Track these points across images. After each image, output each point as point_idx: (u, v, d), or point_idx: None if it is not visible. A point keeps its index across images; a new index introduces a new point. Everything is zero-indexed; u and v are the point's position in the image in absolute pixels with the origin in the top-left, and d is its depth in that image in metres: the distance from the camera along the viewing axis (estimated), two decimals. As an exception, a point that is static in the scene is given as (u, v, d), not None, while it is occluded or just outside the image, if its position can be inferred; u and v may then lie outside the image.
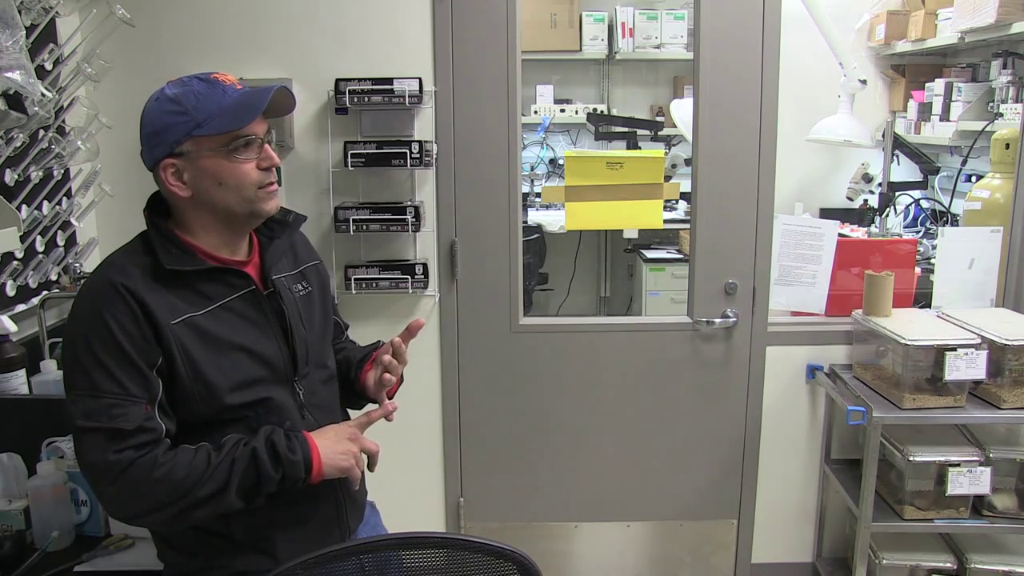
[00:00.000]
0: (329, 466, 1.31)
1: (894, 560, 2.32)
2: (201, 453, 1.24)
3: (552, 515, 2.62)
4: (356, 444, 1.35)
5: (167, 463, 1.21)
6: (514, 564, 1.20)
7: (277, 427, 1.31)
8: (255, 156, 1.31)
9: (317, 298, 1.50)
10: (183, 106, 1.26)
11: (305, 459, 1.28)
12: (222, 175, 1.28)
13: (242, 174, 1.29)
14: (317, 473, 1.29)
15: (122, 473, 1.19)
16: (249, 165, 1.30)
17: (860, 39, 3.91)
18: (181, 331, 1.25)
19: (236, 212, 1.32)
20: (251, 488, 1.25)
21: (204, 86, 1.28)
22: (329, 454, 1.31)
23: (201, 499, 1.22)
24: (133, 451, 1.20)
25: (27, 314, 2.00)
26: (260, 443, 1.26)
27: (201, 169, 1.28)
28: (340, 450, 1.32)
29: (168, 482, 1.20)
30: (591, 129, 4.36)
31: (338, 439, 1.34)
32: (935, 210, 3.61)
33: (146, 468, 1.19)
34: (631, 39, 4.43)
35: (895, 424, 2.22)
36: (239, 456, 1.24)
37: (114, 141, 2.25)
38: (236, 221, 1.34)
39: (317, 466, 1.29)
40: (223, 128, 1.26)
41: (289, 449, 1.27)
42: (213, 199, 1.30)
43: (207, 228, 1.33)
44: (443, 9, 2.33)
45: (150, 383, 1.23)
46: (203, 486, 1.21)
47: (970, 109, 3.17)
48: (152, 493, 1.21)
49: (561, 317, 4.21)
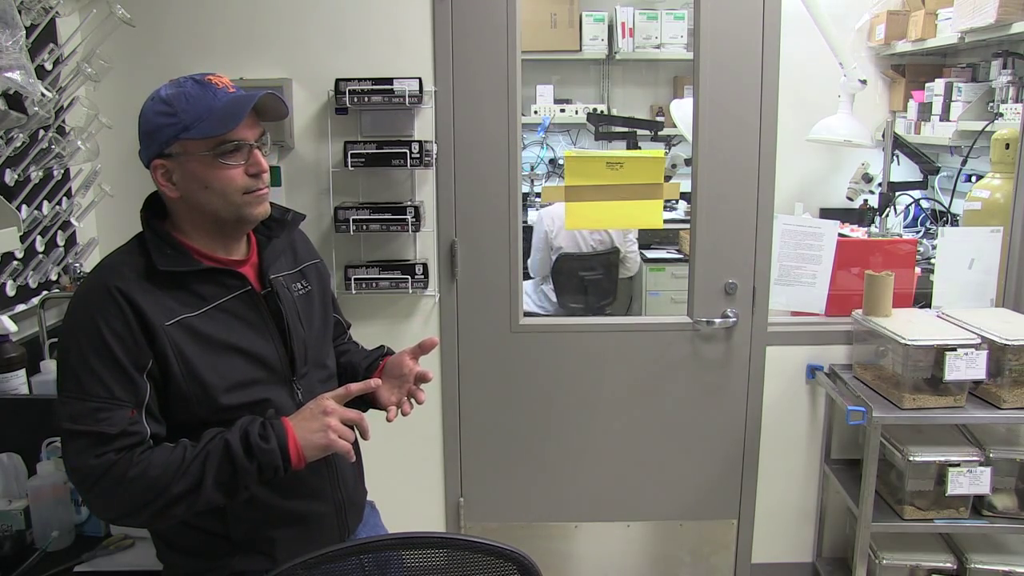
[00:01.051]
0: (308, 446, 1.25)
1: (894, 560, 2.33)
2: (177, 450, 1.23)
3: (552, 515, 2.62)
4: (332, 416, 1.27)
5: (142, 462, 1.20)
6: (514, 564, 1.20)
7: (256, 416, 1.28)
8: (242, 162, 1.29)
9: (317, 297, 1.50)
10: (173, 108, 1.26)
11: (281, 445, 1.23)
12: (208, 179, 1.27)
13: (228, 179, 1.28)
14: (297, 457, 1.25)
15: (101, 476, 1.20)
16: (236, 170, 1.28)
17: (860, 39, 3.91)
18: (176, 332, 1.25)
19: (222, 216, 1.31)
20: (229, 482, 1.23)
21: (197, 88, 1.27)
22: (304, 434, 1.26)
23: (177, 495, 1.20)
24: (114, 454, 1.20)
25: (27, 314, 2.00)
26: (233, 435, 1.24)
27: (188, 172, 1.28)
28: (314, 427, 1.26)
29: (143, 480, 1.20)
30: (591, 129, 4.36)
31: (312, 416, 1.28)
32: (935, 210, 3.62)
33: (122, 469, 1.19)
34: (631, 39, 4.44)
35: (895, 424, 2.22)
36: (212, 450, 1.22)
37: (114, 141, 2.26)
38: (225, 224, 1.33)
39: (295, 450, 1.24)
40: (209, 132, 1.25)
41: (262, 438, 1.23)
42: (200, 202, 1.29)
43: (200, 229, 1.33)
44: (443, 9, 2.33)
45: (137, 387, 1.23)
46: (177, 482, 1.20)
47: (970, 109, 3.17)
48: (129, 492, 1.20)
49: (561, 317, 4.20)
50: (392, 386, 1.49)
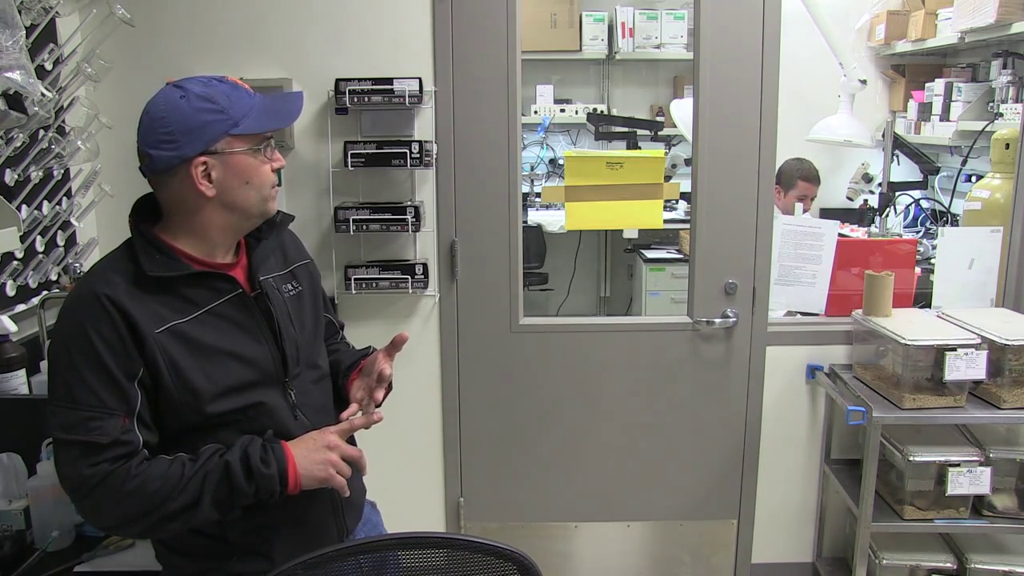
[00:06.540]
0: (306, 477, 1.28)
1: (894, 560, 2.33)
2: (175, 465, 1.23)
3: (552, 515, 2.62)
4: (335, 452, 1.31)
5: (140, 475, 1.20)
6: (514, 564, 1.20)
7: (256, 437, 1.29)
8: (271, 158, 1.34)
9: (308, 298, 1.49)
10: (219, 104, 1.26)
11: (280, 472, 1.25)
12: (249, 174, 1.30)
13: (264, 173, 1.33)
14: (294, 485, 1.27)
15: (96, 486, 1.20)
16: (268, 166, 1.33)
17: (860, 39, 3.92)
18: (166, 340, 1.25)
19: (252, 212, 1.33)
20: (225, 501, 1.24)
21: (227, 87, 1.29)
22: (306, 464, 1.28)
23: (173, 512, 1.21)
24: (108, 464, 1.20)
25: (27, 314, 2.00)
26: (234, 456, 1.24)
27: (232, 168, 1.28)
28: (317, 459, 1.29)
29: (140, 494, 1.20)
30: (591, 129, 4.36)
31: (316, 448, 1.30)
32: (935, 210, 3.62)
33: (118, 480, 1.19)
34: (631, 39, 4.44)
35: (895, 424, 2.22)
36: (212, 469, 1.23)
37: (114, 141, 2.25)
38: (246, 222, 1.35)
39: (293, 478, 1.26)
40: (259, 128, 1.29)
41: (263, 462, 1.25)
42: (236, 198, 1.30)
43: (204, 230, 1.32)
44: (443, 9, 2.33)
45: (128, 396, 1.22)
46: (175, 499, 1.21)
47: (970, 109, 3.18)
48: (124, 505, 1.21)
49: (561, 317, 4.21)
50: (364, 385, 1.49)
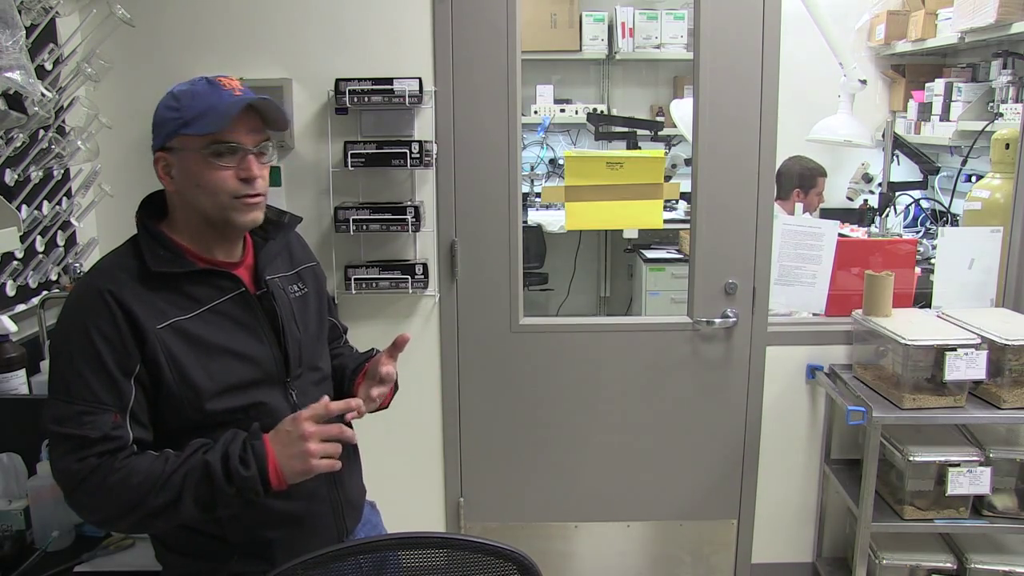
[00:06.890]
0: (288, 471, 1.24)
1: (894, 560, 2.33)
2: (159, 460, 1.23)
3: (552, 515, 2.62)
4: (311, 440, 1.25)
5: (123, 468, 1.20)
6: (514, 564, 1.20)
7: (240, 432, 1.27)
8: (234, 165, 1.29)
9: (313, 300, 1.49)
10: (179, 103, 1.28)
11: (261, 471, 1.22)
12: (199, 177, 1.28)
13: (218, 180, 1.28)
14: (277, 481, 1.24)
15: (84, 480, 1.20)
16: (227, 172, 1.28)
17: (860, 39, 3.92)
18: (167, 336, 1.25)
19: (211, 217, 1.31)
20: (209, 502, 1.22)
21: (206, 87, 1.29)
22: (284, 460, 1.24)
23: (156, 508, 1.21)
24: (95, 458, 1.20)
25: (27, 314, 2.00)
26: (215, 456, 1.22)
27: (183, 168, 1.29)
28: (292, 453, 1.24)
29: (123, 488, 1.20)
30: (591, 129, 4.36)
31: (290, 441, 1.25)
32: (935, 210, 3.62)
33: (103, 473, 1.20)
34: (631, 39, 4.44)
35: (895, 424, 2.22)
36: (192, 467, 1.22)
37: (114, 141, 2.25)
38: (214, 225, 1.33)
39: (275, 475, 1.24)
40: (203, 130, 1.26)
41: (243, 463, 1.22)
42: (191, 199, 1.30)
43: (195, 229, 1.33)
44: (443, 9, 2.33)
45: (123, 392, 1.23)
46: (157, 495, 1.20)
47: (970, 109, 3.18)
48: (108, 498, 1.21)
49: (561, 317, 4.21)
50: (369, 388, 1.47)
